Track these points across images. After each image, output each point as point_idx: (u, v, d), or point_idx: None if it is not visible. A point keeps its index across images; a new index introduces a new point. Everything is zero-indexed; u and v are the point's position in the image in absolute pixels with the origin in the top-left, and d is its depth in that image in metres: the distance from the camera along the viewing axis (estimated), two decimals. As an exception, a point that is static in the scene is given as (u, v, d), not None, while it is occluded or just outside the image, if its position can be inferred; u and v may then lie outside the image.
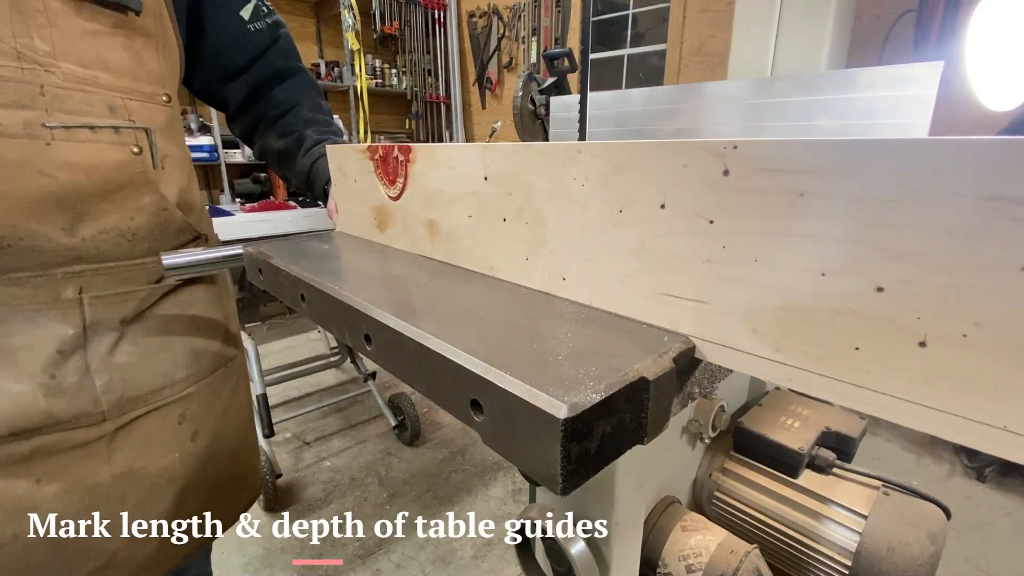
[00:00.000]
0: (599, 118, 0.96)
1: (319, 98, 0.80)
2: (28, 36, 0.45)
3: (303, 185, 0.77)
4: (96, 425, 0.50)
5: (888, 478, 0.56)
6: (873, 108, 0.64)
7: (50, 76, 0.46)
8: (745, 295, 0.27)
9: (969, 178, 0.19)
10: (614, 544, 0.44)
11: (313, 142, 0.75)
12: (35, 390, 0.46)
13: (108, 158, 0.51)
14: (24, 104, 0.45)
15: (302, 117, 0.76)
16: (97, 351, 0.51)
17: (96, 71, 0.50)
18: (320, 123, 0.77)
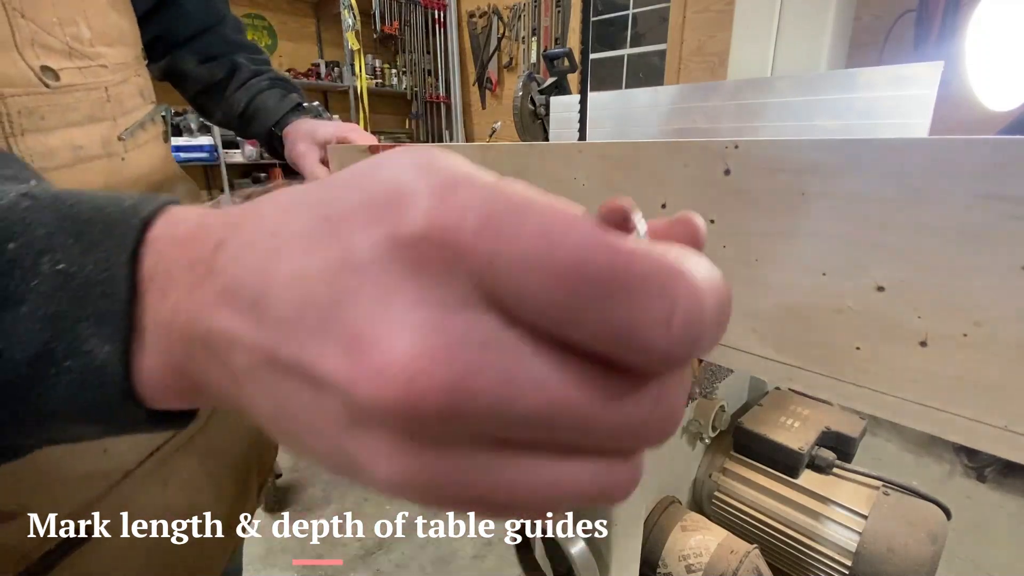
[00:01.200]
0: (599, 118, 0.96)
1: (231, 12, 0.67)
2: (74, 23, 0.37)
3: (233, 121, 0.66)
4: (197, 421, 0.50)
5: (888, 478, 0.56)
6: (873, 108, 0.64)
7: (104, 72, 0.39)
8: (745, 295, 0.27)
9: (969, 178, 0.19)
10: (614, 544, 0.44)
11: (250, 73, 0.64)
12: None
13: (156, 155, 0.47)
14: (97, 116, 0.39)
15: (227, 39, 0.64)
16: None
17: (119, 47, 0.42)
18: (248, 47, 0.66)
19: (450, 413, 0.10)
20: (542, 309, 0.10)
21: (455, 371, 0.10)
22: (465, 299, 0.11)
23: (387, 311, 0.10)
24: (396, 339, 0.10)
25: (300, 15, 3.90)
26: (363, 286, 0.11)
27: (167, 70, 0.63)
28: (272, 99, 0.64)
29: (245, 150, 3.44)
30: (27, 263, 0.14)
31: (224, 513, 0.55)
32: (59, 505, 0.39)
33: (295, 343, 0.11)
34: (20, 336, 0.14)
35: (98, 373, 0.14)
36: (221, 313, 0.13)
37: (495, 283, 0.10)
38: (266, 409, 0.13)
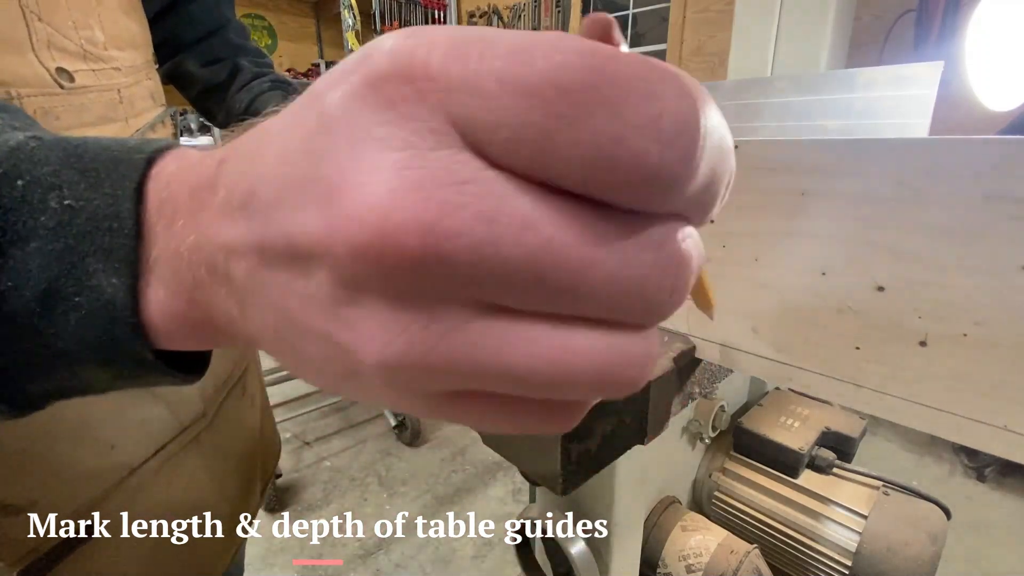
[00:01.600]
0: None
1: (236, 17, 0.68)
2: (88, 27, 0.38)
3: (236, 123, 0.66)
4: (202, 419, 0.52)
5: (888, 478, 0.56)
6: (873, 108, 0.64)
7: (117, 74, 0.40)
8: (746, 295, 0.27)
9: (969, 178, 0.19)
10: (614, 544, 0.44)
11: (251, 75, 0.65)
12: (169, 409, 0.47)
13: None
14: (109, 117, 0.40)
15: (231, 43, 0.65)
16: None
17: (130, 51, 0.43)
18: (251, 51, 0.67)
19: (431, 258, 0.09)
20: (519, 136, 0.09)
21: (430, 209, 0.09)
22: (439, 137, 0.10)
23: (358, 159, 0.10)
24: (367, 183, 0.10)
25: (300, 15, 3.90)
26: (335, 141, 0.10)
27: (171, 73, 0.65)
28: (273, 101, 0.64)
29: (245, 150, 3.43)
30: (35, 199, 0.14)
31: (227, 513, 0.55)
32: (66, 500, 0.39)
33: (279, 222, 0.11)
34: (30, 272, 0.14)
35: (106, 307, 0.14)
36: (222, 224, 0.13)
37: (467, 112, 0.10)
38: (267, 322, 0.13)
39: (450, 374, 0.11)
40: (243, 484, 0.59)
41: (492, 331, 0.10)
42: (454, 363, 0.10)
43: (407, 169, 0.09)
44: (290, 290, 0.11)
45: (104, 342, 0.15)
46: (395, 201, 0.09)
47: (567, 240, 0.10)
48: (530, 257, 0.09)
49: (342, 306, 0.11)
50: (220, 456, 0.54)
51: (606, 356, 0.11)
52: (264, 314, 0.13)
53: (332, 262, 0.10)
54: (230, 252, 0.12)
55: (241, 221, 0.12)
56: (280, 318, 0.12)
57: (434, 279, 0.10)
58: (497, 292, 0.10)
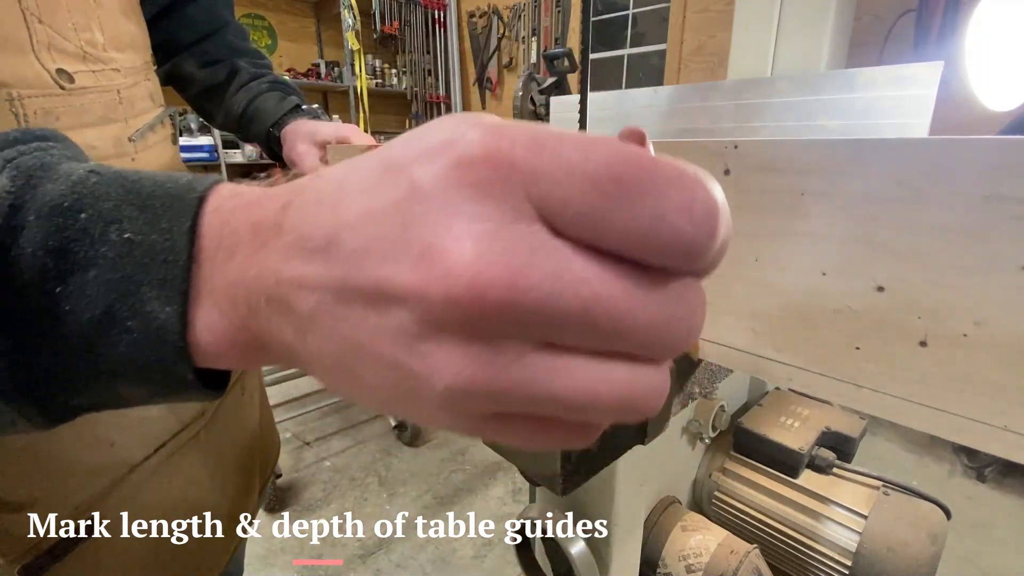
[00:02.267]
0: (599, 118, 0.96)
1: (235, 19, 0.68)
2: (88, 28, 0.38)
3: (233, 124, 0.67)
4: (201, 417, 0.52)
5: (888, 478, 0.56)
6: (873, 108, 0.64)
7: (117, 75, 0.41)
8: (746, 295, 0.27)
9: (969, 178, 0.19)
10: (614, 544, 0.44)
11: (249, 76, 0.65)
12: (170, 407, 0.47)
13: (164, 156, 0.48)
14: (109, 118, 0.40)
15: (229, 44, 0.65)
16: None
17: (130, 53, 0.44)
18: (250, 53, 0.67)
19: (509, 306, 0.12)
20: (583, 212, 0.12)
21: (511, 269, 0.12)
22: (518, 213, 0.12)
23: (451, 227, 0.12)
24: (462, 247, 0.12)
25: (300, 15, 3.90)
26: (428, 210, 0.12)
27: (170, 74, 0.65)
28: (271, 101, 0.64)
29: (245, 150, 3.44)
30: (96, 232, 0.16)
31: (226, 511, 0.55)
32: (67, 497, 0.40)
33: (366, 269, 0.13)
34: (88, 298, 0.15)
35: (158, 332, 0.16)
36: (291, 263, 0.14)
37: (542, 194, 0.12)
38: (328, 349, 0.14)
39: (506, 399, 0.13)
40: (242, 482, 0.59)
41: (545, 364, 0.13)
42: (511, 390, 0.13)
43: (493, 238, 0.12)
44: (364, 324, 0.13)
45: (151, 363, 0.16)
46: (484, 264, 0.12)
47: (614, 293, 0.12)
48: (584, 306, 0.12)
49: (420, 341, 0.13)
50: (219, 454, 0.55)
51: (632, 386, 0.13)
52: (326, 342, 0.14)
53: (422, 306, 0.12)
54: (300, 286, 0.14)
55: (318, 261, 0.14)
56: (345, 347, 0.14)
57: (508, 323, 0.12)
58: (556, 334, 0.12)
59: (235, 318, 0.16)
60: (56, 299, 0.15)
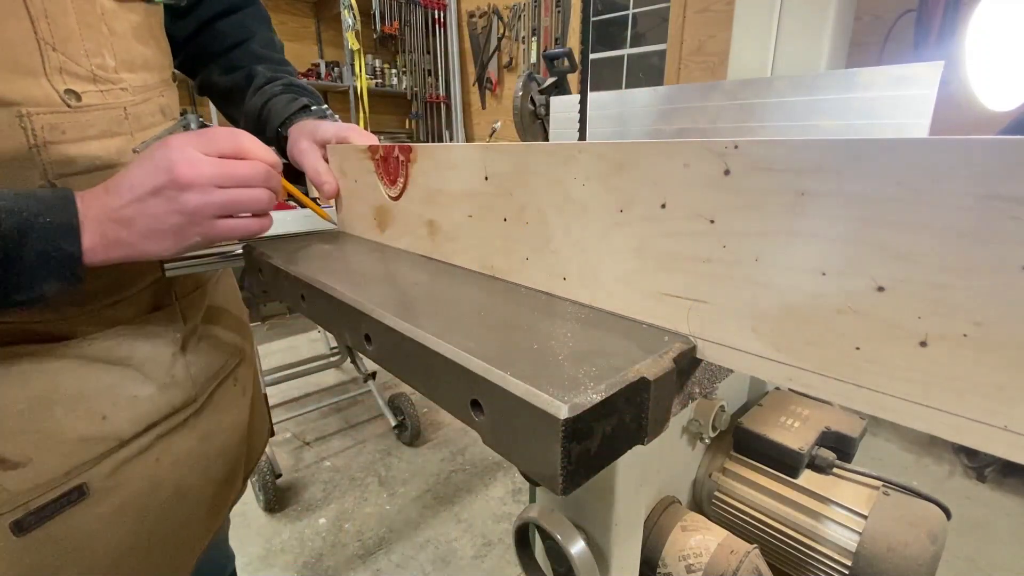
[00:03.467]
0: (599, 118, 0.96)
1: (271, 32, 0.72)
2: (100, 55, 0.43)
3: (251, 126, 0.70)
4: (192, 404, 0.56)
5: (888, 478, 0.56)
6: (873, 108, 0.64)
7: (124, 94, 0.46)
8: (745, 295, 0.27)
9: (969, 178, 0.19)
10: (614, 544, 0.44)
11: (265, 79, 0.68)
12: (160, 390, 0.52)
13: None
14: (114, 131, 0.45)
15: (252, 52, 0.69)
16: (191, 345, 0.57)
17: (142, 73, 0.48)
18: (273, 60, 0.70)
19: (195, 181, 0.40)
20: None
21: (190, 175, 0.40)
22: None
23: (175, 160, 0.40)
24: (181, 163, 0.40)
25: (300, 15, 3.89)
26: (165, 158, 0.41)
27: (202, 84, 0.71)
28: (282, 102, 0.66)
29: (245, 150, 3.43)
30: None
31: (210, 494, 0.59)
32: (60, 461, 0.44)
33: (145, 183, 0.40)
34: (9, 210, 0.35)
35: (62, 228, 0.37)
36: (113, 199, 0.40)
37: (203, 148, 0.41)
38: (140, 224, 0.40)
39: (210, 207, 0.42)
40: (228, 469, 0.63)
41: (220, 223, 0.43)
42: (205, 229, 0.43)
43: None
44: (153, 204, 0.40)
45: (59, 256, 0.37)
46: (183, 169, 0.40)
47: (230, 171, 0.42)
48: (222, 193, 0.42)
49: (177, 198, 0.40)
50: (208, 440, 0.58)
51: (256, 224, 0.46)
52: (139, 223, 0.40)
53: (173, 186, 0.40)
54: (122, 207, 0.39)
55: (124, 192, 0.40)
56: (148, 219, 0.40)
57: (199, 187, 0.41)
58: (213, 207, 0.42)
59: (99, 233, 0.39)
60: None
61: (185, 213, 0.40)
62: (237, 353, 0.66)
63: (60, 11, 0.40)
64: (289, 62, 0.73)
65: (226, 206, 0.42)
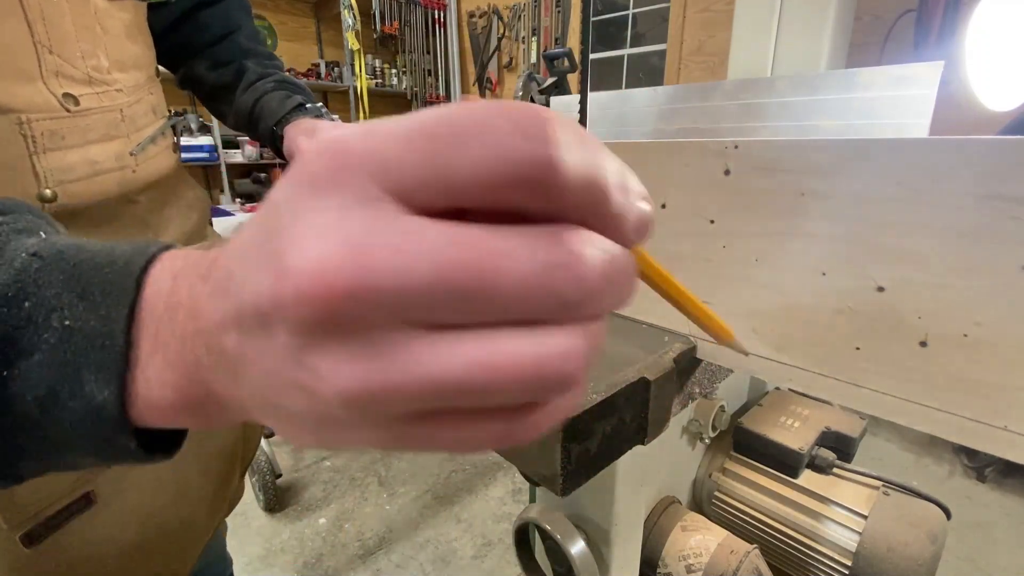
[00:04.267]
0: (599, 118, 0.96)
1: (252, 23, 0.70)
2: (95, 56, 0.41)
3: (243, 123, 0.68)
4: None
5: (888, 478, 0.56)
6: (873, 108, 0.64)
7: (120, 95, 0.44)
8: (746, 295, 0.27)
9: (969, 178, 0.19)
10: (614, 544, 0.44)
11: (256, 75, 0.66)
12: None
13: (163, 166, 0.50)
14: (112, 135, 0.43)
15: (239, 46, 0.66)
16: None
17: (132, 72, 0.47)
18: (260, 54, 0.69)
19: (361, 290, 0.11)
20: (420, 174, 0.11)
21: (356, 251, 0.11)
22: (363, 197, 0.11)
23: (298, 226, 0.12)
24: (303, 242, 0.11)
25: (300, 15, 3.89)
26: (280, 218, 0.12)
27: (185, 77, 0.67)
28: (275, 100, 0.65)
29: (245, 150, 3.44)
30: (39, 319, 0.17)
31: (209, 492, 0.59)
32: None
33: (243, 292, 0.13)
34: (32, 380, 0.17)
35: (97, 412, 0.17)
36: (211, 308, 0.15)
37: (382, 170, 0.12)
38: (255, 387, 0.14)
39: (404, 394, 0.12)
40: (225, 466, 0.62)
41: (428, 346, 0.12)
42: (403, 382, 0.12)
43: (336, 226, 0.11)
44: (265, 351, 0.13)
45: (94, 438, 0.17)
46: (325, 250, 0.11)
47: (470, 253, 0.11)
48: (439, 272, 0.11)
49: (303, 354, 0.12)
50: (206, 439, 0.58)
51: (532, 354, 0.12)
52: (251, 381, 0.14)
53: (284, 314, 0.11)
54: (221, 329, 0.14)
55: (224, 299, 0.14)
56: (263, 380, 0.13)
57: (367, 309, 0.11)
58: (422, 311, 0.11)
59: (184, 372, 0.16)
60: (4, 381, 0.16)
61: None
62: None
63: (56, 12, 0.39)
64: (277, 56, 0.72)
65: None
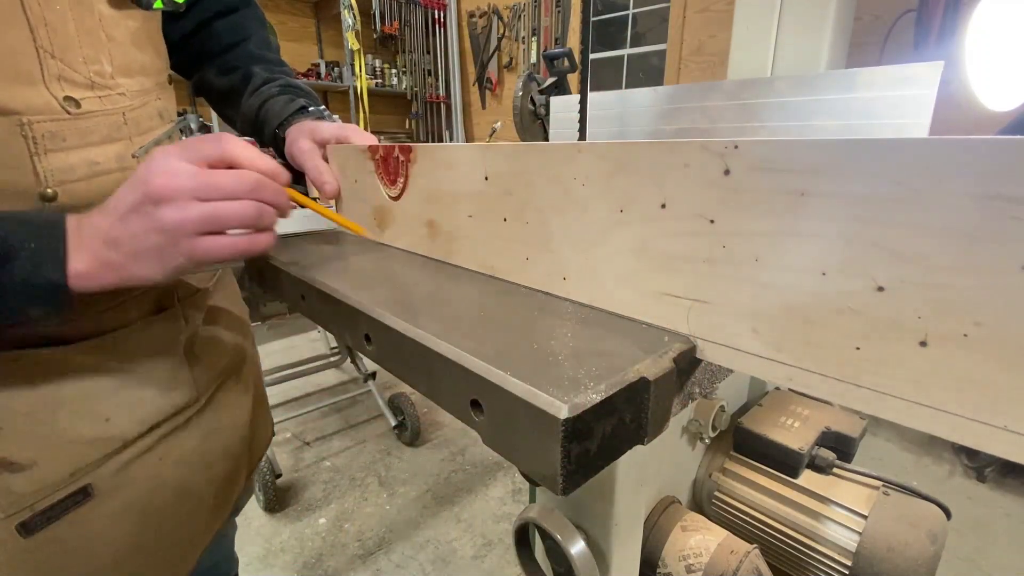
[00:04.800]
0: (599, 118, 0.96)
1: (267, 33, 0.71)
2: (98, 61, 0.43)
3: (248, 127, 0.69)
4: (195, 403, 0.56)
5: (888, 478, 0.56)
6: (873, 108, 0.64)
7: (123, 99, 0.46)
8: (746, 295, 0.27)
9: (969, 178, 0.19)
10: (614, 544, 0.44)
11: (262, 80, 0.66)
12: (162, 391, 0.52)
13: None
14: (113, 137, 0.45)
15: (249, 53, 0.68)
16: (192, 345, 0.57)
17: (139, 78, 0.48)
18: (269, 61, 0.70)
19: (167, 189, 0.37)
20: None
21: (165, 179, 0.37)
22: None
23: (150, 176, 0.38)
24: (153, 179, 0.37)
25: (300, 15, 3.89)
26: (139, 177, 0.38)
27: (197, 85, 0.70)
28: (279, 104, 0.66)
29: (245, 150, 3.43)
30: (16, 244, 0.35)
31: (212, 492, 0.59)
32: (64, 463, 0.44)
33: (123, 202, 0.38)
34: (15, 272, 0.35)
35: (48, 280, 0.36)
36: (100, 219, 0.38)
37: None
38: (126, 247, 0.38)
39: (189, 224, 0.38)
40: (230, 467, 0.62)
41: (198, 206, 0.38)
42: (189, 218, 0.38)
43: (162, 177, 0.37)
44: (135, 223, 0.37)
45: (42, 284, 0.37)
46: (158, 180, 0.37)
47: (204, 176, 0.39)
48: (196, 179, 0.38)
49: (155, 212, 0.37)
50: (210, 439, 0.58)
51: (244, 243, 0.41)
52: (124, 245, 0.37)
53: (147, 199, 0.37)
54: (110, 226, 0.38)
55: (110, 213, 0.38)
56: (131, 242, 0.37)
57: (173, 193, 0.37)
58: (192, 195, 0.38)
59: (92, 256, 0.37)
60: None
61: (163, 231, 0.37)
62: (239, 352, 0.66)
63: (59, 19, 0.40)
64: (286, 63, 0.74)
65: (206, 221, 0.38)
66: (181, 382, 0.54)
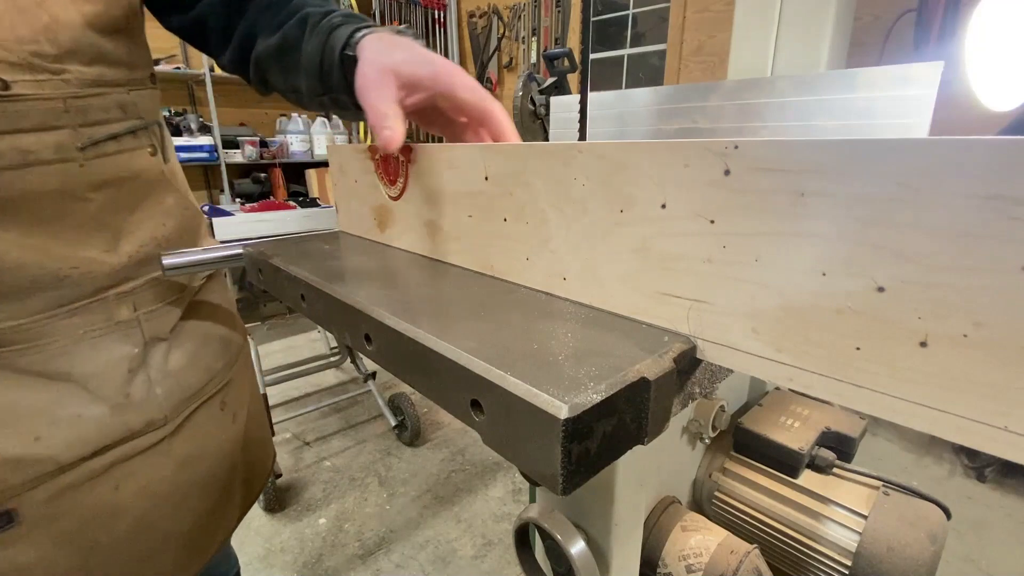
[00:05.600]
0: (599, 118, 0.96)
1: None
2: (36, 42, 0.39)
3: (315, 76, 0.50)
4: (160, 428, 0.51)
5: (888, 478, 0.56)
6: (873, 108, 0.64)
7: (66, 86, 0.42)
8: (746, 295, 0.27)
9: (969, 178, 0.19)
10: (614, 544, 0.44)
11: (320, 15, 0.50)
12: (112, 410, 0.47)
13: (132, 167, 0.49)
14: (51, 124, 0.41)
15: (293, 5, 0.52)
16: (155, 363, 0.52)
17: (100, 67, 0.45)
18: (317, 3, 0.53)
19: None
20: None
21: None
22: None
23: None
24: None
25: (300, 15, 3.89)
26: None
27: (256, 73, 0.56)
28: (345, 32, 0.49)
29: (245, 150, 3.44)
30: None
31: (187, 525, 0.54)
32: None
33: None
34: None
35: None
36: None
37: None
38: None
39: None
40: (214, 499, 0.58)
41: None
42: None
43: None
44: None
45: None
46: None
47: None
48: None
49: None
50: (187, 468, 0.54)
51: None
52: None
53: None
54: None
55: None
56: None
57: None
58: None
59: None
60: None
61: None
62: (223, 374, 0.61)
63: None
64: None
65: None
66: (137, 401, 0.49)
